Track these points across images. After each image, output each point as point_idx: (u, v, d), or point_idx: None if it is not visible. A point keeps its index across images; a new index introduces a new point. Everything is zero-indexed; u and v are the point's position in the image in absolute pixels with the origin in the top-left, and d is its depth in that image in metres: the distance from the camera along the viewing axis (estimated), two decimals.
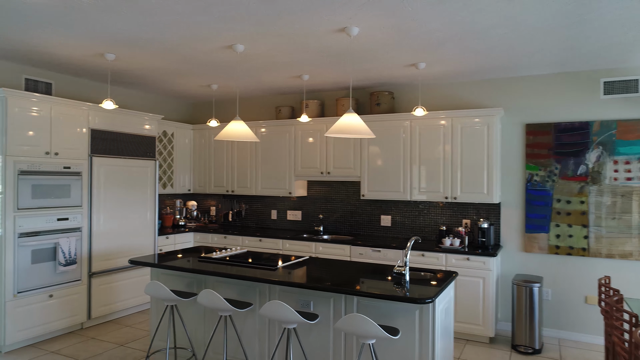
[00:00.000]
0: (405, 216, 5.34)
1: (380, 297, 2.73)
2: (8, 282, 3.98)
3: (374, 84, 5.27)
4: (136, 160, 5.16)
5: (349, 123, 3.31)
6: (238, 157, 6.02)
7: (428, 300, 2.63)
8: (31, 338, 4.21)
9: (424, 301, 2.62)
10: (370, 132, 3.37)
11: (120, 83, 5.44)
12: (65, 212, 4.41)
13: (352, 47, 3.85)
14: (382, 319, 2.96)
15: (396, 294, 2.71)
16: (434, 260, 4.56)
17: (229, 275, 3.28)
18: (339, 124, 3.31)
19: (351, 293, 2.83)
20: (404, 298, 2.66)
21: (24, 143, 4.08)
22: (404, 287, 2.90)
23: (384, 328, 2.71)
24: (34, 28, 3.48)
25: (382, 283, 3.00)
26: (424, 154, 4.89)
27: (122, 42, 3.80)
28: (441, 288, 2.88)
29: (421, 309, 2.85)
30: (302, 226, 5.97)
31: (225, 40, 3.72)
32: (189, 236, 5.97)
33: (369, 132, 3.36)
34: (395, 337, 2.60)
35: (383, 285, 2.95)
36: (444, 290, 2.99)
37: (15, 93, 3.98)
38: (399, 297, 2.68)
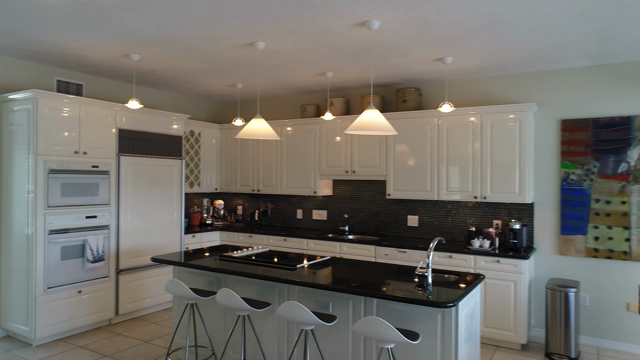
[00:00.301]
0: (433, 216, 5.17)
1: (399, 299, 2.62)
2: (39, 278, 4.09)
3: (400, 80, 5.13)
4: (163, 160, 5.23)
5: (370, 119, 3.21)
6: (264, 156, 6.01)
7: (450, 304, 2.50)
8: (60, 333, 4.32)
9: (445, 305, 2.50)
10: (392, 128, 3.26)
11: (148, 84, 5.54)
12: (94, 210, 4.51)
13: (373, 41, 3.74)
14: (402, 323, 2.84)
15: (416, 297, 2.59)
16: (462, 262, 4.39)
17: (245, 274, 3.25)
18: (360, 121, 3.22)
19: (369, 295, 2.73)
20: (425, 301, 2.54)
21: (54, 142, 4.19)
22: (426, 289, 2.78)
23: (404, 332, 2.60)
24: (61, 30, 3.56)
25: (404, 285, 2.89)
26: (452, 151, 4.72)
27: (145, 42, 3.84)
28: (465, 291, 2.74)
29: (443, 313, 2.72)
30: (328, 226, 5.90)
31: (245, 38, 3.69)
32: (215, 235, 6.00)
33: (391, 129, 3.25)
34: (414, 341, 2.48)
35: (405, 287, 2.83)
36: (469, 293, 2.85)
37: (45, 94, 4.10)
38: (419, 300, 2.56)
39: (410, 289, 2.78)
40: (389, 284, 2.91)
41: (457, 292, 2.71)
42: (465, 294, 2.72)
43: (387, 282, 2.98)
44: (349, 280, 3.02)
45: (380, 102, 5.28)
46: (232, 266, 3.44)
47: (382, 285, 2.89)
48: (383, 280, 3.02)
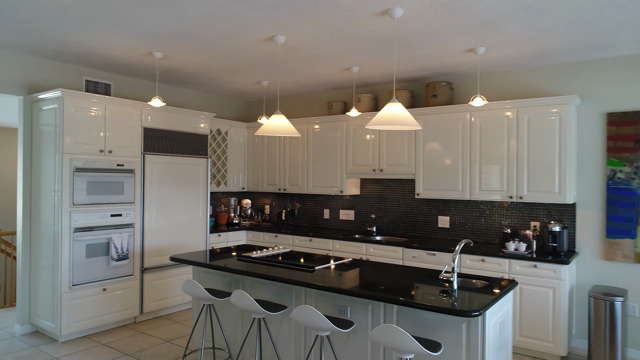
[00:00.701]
0: (465, 217, 4.90)
1: (418, 306, 2.42)
2: (64, 275, 4.14)
3: (430, 74, 4.89)
4: (189, 158, 5.21)
5: (392, 113, 3.02)
6: (290, 154, 5.90)
7: (475, 312, 2.28)
8: (86, 330, 4.36)
9: (469, 314, 2.28)
10: (416, 122, 3.06)
11: (176, 83, 5.54)
12: (119, 209, 4.53)
13: (398, 31, 3.54)
14: (425, 332, 2.64)
15: (437, 305, 2.38)
16: (496, 267, 4.11)
17: (259, 275, 3.13)
18: (381, 115, 3.03)
19: (385, 300, 2.55)
20: (447, 309, 2.33)
21: (79, 141, 4.23)
22: (451, 296, 2.56)
23: (425, 342, 2.40)
24: (84, 29, 3.56)
25: (429, 290, 2.68)
26: (486, 148, 4.44)
27: (166, 39, 3.80)
28: (494, 298, 2.51)
29: (469, 322, 2.49)
30: (355, 226, 5.71)
31: (264, 32, 3.58)
32: (241, 234, 5.95)
33: (414, 123, 3.05)
34: (435, 353, 2.28)
35: (429, 292, 2.63)
36: (498, 301, 2.61)
37: (71, 93, 4.14)
38: (441, 308, 2.35)
39: (434, 295, 2.57)
40: (412, 289, 2.71)
41: (485, 299, 2.48)
42: (494, 301, 2.49)
43: (410, 286, 2.78)
44: (369, 284, 2.84)
45: (409, 97, 5.05)
46: (249, 267, 3.33)
47: (403, 290, 2.70)
48: (406, 285, 2.82)
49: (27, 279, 4.45)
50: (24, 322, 4.43)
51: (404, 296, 2.55)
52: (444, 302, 2.42)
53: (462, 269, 4.28)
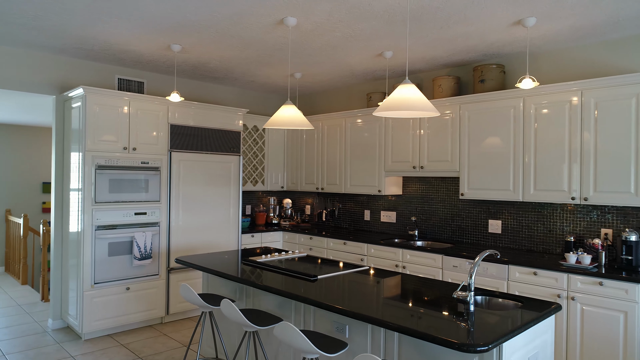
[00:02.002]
0: (520, 221, 4.19)
1: (406, 332, 1.93)
2: (86, 273, 4.13)
3: (478, 56, 4.25)
4: (219, 156, 5.04)
5: (402, 97, 2.53)
6: (328, 151, 5.53)
7: (482, 348, 1.75)
8: (109, 328, 4.32)
9: (472, 349, 1.75)
10: (433, 108, 2.54)
11: (210, 79, 5.41)
12: (143, 207, 4.46)
13: (421, 4, 3.02)
14: None
15: (431, 333, 1.87)
16: (552, 282, 3.40)
17: (249, 283, 2.79)
18: (389, 100, 2.56)
19: (372, 322, 2.08)
20: (443, 341, 1.82)
21: (102, 139, 4.20)
22: (463, 321, 2.04)
23: None
24: (101, 23, 3.48)
25: (439, 312, 2.17)
26: (543, 140, 3.73)
27: (177, 30, 3.61)
28: (517, 327, 1.94)
29: (481, 356, 1.95)
30: (396, 229, 5.19)
31: (271, 15, 3.24)
32: (277, 235, 5.68)
33: (431, 108, 2.53)
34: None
35: (437, 315, 2.12)
36: (526, 330, 2.03)
37: (94, 90, 4.12)
38: (435, 337, 1.84)
39: (442, 319, 2.06)
40: (420, 309, 2.21)
41: (503, 328, 1.92)
42: (516, 331, 1.93)
43: (420, 305, 2.28)
44: (372, 300, 2.38)
45: (454, 83, 4.44)
46: (248, 272, 3.02)
47: (409, 309, 2.21)
48: (417, 303, 2.32)
49: (58, 275, 4.53)
50: (56, 318, 4.51)
51: (403, 318, 2.07)
52: (445, 331, 1.91)
53: (510, 283, 3.62)
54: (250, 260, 3.34)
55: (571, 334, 3.31)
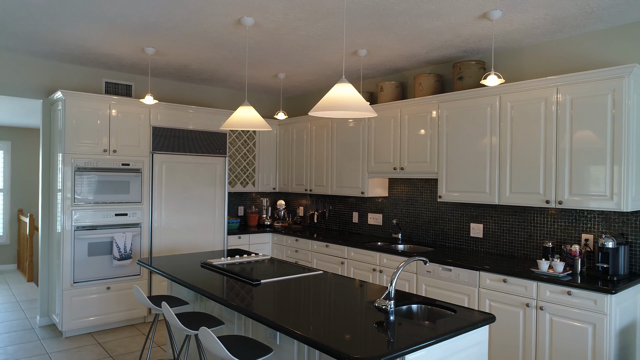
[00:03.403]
0: (501, 225, 3.99)
1: (303, 340, 1.85)
2: (66, 272, 4.23)
3: (458, 53, 4.09)
4: (203, 157, 5.07)
5: (337, 97, 2.44)
6: (316, 153, 5.46)
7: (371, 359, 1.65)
8: (90, 327, 4.42)
9: None
10: (369, 107, 2.45)
11: (199, 81, 5.45)
12: (124, 208, 4.53)
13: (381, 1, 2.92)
14: None
15: (323, 342, 1.78)
16: (521, 290, 3.22)
17: (186, 285, 2.77)
18: (324, 100, 2.47)
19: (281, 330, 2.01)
20: (329, 349, 1.73)
21: (82, 141, 4.30)
22: (377, 330, 1.94)
23: None
24: (74, 28, 3.56)
25: (356, 321, 2.08)
26: (518, 140, 3.54)
27: (147, 33, 3.65)
28: (427, 339, 1.83)
29: None
30: (383, 231, 5.06)
31: (228, 14, 3.22)
32: (267, 237, 5.66)
33: (366, 108, 2.44)
34: None
35: (351, 325, 2.03)
36: (441, 342, 1.91)
37: (72, 94, 4.22)
38: (322, 345, 1.75)
39: (354, 328, 1.97)
40: (340, 319, 2.12)
41: (410, 340, 1.81)
42: (425, 343, 1.81)
43: (342, 314, 2.19)
44: (301, 306, 2.31)
45: (435, 81, 4.29)
46: (198, 276, 3.00)
47: (327, 318, 2.13)
48: (341, 311, 2.23)
49: (45, 273, 4.67)
50: (44, 315, 4.66)
51: (315, 327, 1.99)
52: (343, 342, 1.82)
53: (481, 290, 3.45)
54: (208, 263, 3.32)
55: (540, 345, 3.12)
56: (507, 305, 3.30)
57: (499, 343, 3.34)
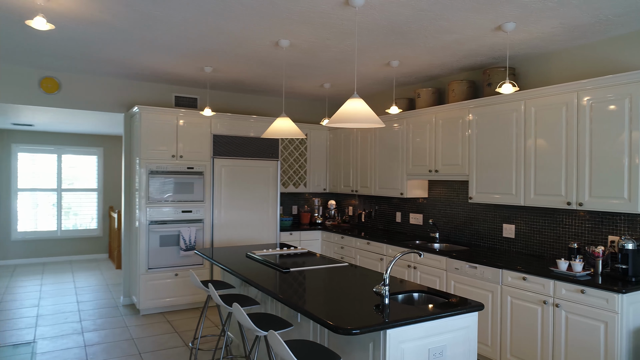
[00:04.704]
0: (531, 226, 4.10)
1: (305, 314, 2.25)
2: (142, 260, 4.99)
3: (487, 60, 4.26)
4: (258, 161, 5.65)
5: (350, 110, 2.83)
6: (361, 155, 5.83)
7: (355, 331, 2.02)
8: (162, 307, 5.16)
9: (344, 331, 2.03)
10: (378, 119, 2.81)
11: (255, 92, 6.05)
12: (189, 206, 5.22)
13: (381, 22, 3.24)
14: (345, 345, 2.42)
15: (318, 315, 2.17)
16: (538, 288, 3.36)
17: (228, 271, 3.29)
18: (338, 113, 2.87)
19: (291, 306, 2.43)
20: (322, 321, 2.12)
21: (154, 148, 5.04)
22: (382, 312, 2.30)
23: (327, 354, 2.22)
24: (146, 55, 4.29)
25: (357, 303, 2.45)
26: (541, 143, 3.67)
27: (203, 56, 4.26)
28: (406, 318, 2.16)
29: (375, 341, 2.20)
30: (422, 231, 5.31)
31: (266, 38, 3.71)
32: (316, 234, 6.12)
33: (376, 120, 2.80)
34: None
35: (352, 306, 2.41)
36: (423, 322, 2.23)
37: (147, 108, 4.98)
38: (316, 317, 2.14)
39: (357, 308, 2.34)
40: (345, 301, 2.51)
41: (391, 318, 2.15)
42: (406, 321, 2.15)
43: (349, 298, 2.58)
44: (319, 291, 2.73)
45: (467, 88, 4.48)
46: (240, 264, 3.52)
47: (336, 300, 2.52)
48: (348, 295, 2.62)
49: (127, 260, 5.50)
50: (126, 295, 5.50)
51: (320, 305, 2.39)
52: (336, 317, 2.20)
53: (503, 287, 3.62)
54: (251, 254, 3.84)
55: (556, 341, 3.25)
56: (526, 302, 3.45)
57: (518, 337, 3.51)
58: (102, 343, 4.21)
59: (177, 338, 4.36)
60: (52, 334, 4.46)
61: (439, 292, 2.69)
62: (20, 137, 8.14)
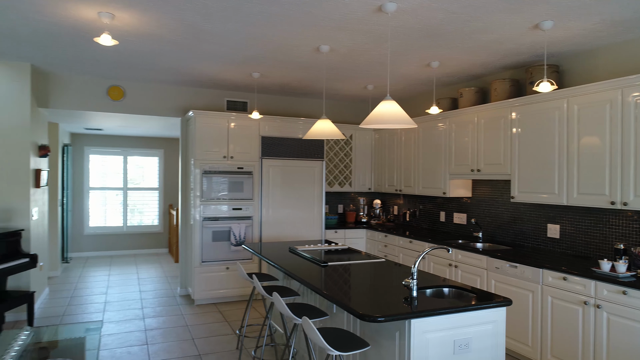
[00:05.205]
0: (577, 227, 4.02)
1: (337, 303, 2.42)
2: (196, 253, 5.37)
3: (530, 57, 4.22)
4: (304, 161, 5.88)
5: (384, 112, 2.97)
6: (405, 155, 5.90)
7: (380, 318, 2.17)
8: (215, 298, 5.51)
9: (369, 318, 2.18)
10: (410, 120, 2.92)
11: (300, 95, 6.29)
12: (239, 204, 5.55)
13: (413, 25, 3.34)
14: (377, 333, 2.57)
15: (345, 302, 2.33)
16: (579, 288, 3.32)
17: (271, 263, 3.51)
18: (372, 115, 3.01)
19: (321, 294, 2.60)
20: (350, 310, 2.28)
21: (207, 150, 5.41)
22: (410, 303, 2.43)
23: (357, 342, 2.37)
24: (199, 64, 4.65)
25: (386, 295, 2.59)
26: (585, 141, 3.60)
27: (251, 62, 4.55)
28: (430, 310, 2.27)
29: (401, 330, 2.33)
30: (466, 230, 5.30)
31: (308, 44, 3.92)
32: (361, 232, 6.26)
33: (408, 121, 2.92)
34: (342, 352, 2.27)
35: (383, 297, 2.55)
36: (447, 315, 2.33)
37: (200, 113, 5.35)
38: (344, 304, 2.30)
39: (385, 300, 2.49)
40: (375, 292, 2.66)
41: (422, 307, 2.28)
42: (430, 312, 2.26)
43: (378, 289, 2.72)
44: (343, 283, 2.90)
45: (510, 86, 4.45)
46: (283, 258, 3.75)
47: (365, 290, 2.67)
48: (377, 287, 2.76)
49: (183, 254, 5.93)
50: (182, 287, 5.92)
51: (351, 295, 2.56)
52: (365, 306, 2.35)
53: (544, 287, 3.60)
54: (294, 249, 4.06)
55: (597, 342, 3.20)
56: (567, 303, 3.42)
57: (559, 338, 3.47)
58: (160, 328, 4.60)
59: (227, 326, 4.67)
60: (117, 318, 4.92)
61: (468, 288, 2.77)
62: (91, 141, 8.92)
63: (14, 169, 4.77)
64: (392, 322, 2.39)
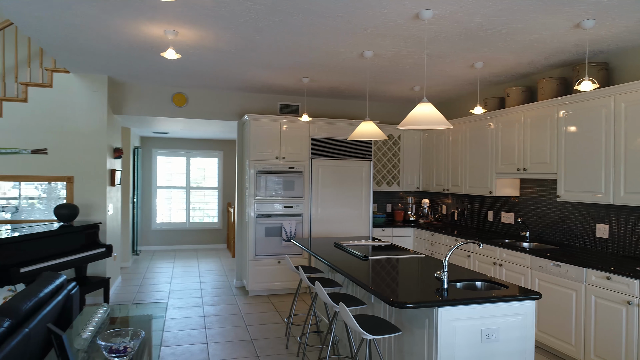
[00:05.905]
0: (627, 227, 3.94)
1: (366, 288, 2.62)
2: (250, 248, 5.76)
3: (577, 55, 4.18)
4: (351, 161, 6.10)
5: (420, 114, 3.14)
6: (452, 155, 5.96)
7: (409, 304, 2.36)
8: (267, 290, 5.88)
9: (398, 304, 2.37)
10: (446, 121, 3.07)
11: (351, 97, 6.53)
12: (290, 202, 5.87)
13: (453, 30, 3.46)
14: (409, 321, 2.75)
15: (375, 288, 2.53)
16: (623, 288, 3.29)
17: (315, 256, 3.77)
18: (409, 117, 3.19)
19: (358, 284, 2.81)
20: (379, 294, 2.48)
21: (261, 151, 5.78)
22: (441, 293, 2.61)
23: (389, 327, 2.58)
24: (253, 72, 5.03)
25: (420, 285, 2.77)
26: (632, 140, 3.55)
27: (300, 69, 4.85)
28: (457, 299, 2.43)
29: (430, 318, 2.50)
30: (513, 230, 5.29)
31: (353, 51, 4.15)
32: (408, 231, 6.38)
33: (444, 122, 3.07)
34: (374, 336, 2.48)
35: (416, 287, 2.74)
36: (474, 305, 2.47)
37: (255, 116, 5.73)
38: (370, 289, 2.50)
39: (417, 288, 2.67)
40: (408, 281, 2.84)
41: (451, 297, 2.44)
42: (457, 302, 2.42)
43: (412, 279, 2.90)
44: (382, 275, 3.10)
45: (557, 85, 4.42)
46: (328, 252, 4.01)
47: (398, 280, 2.87)
48: (410, 278, 2.94)
49: (239, 249, 6.35)
50: (238, 279, 6.35)
51: (385, 285, 2.76)
52: (395, 294, 2.54)
53: (587, 286, 3.59)
54: (339, 244, 4.30)
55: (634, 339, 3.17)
56: (610, 302, 3.39)
57: (603, 337, 3.45)
58: (217, 315, 5.02)
59: (277, 316, 5.00)
60: (179, 305, 5.41)
61: (500, 282, 2.87)
62: (158, 143, 9.67)
63: (93, 169, 5.39)
64: (422, 310, 2.57)
